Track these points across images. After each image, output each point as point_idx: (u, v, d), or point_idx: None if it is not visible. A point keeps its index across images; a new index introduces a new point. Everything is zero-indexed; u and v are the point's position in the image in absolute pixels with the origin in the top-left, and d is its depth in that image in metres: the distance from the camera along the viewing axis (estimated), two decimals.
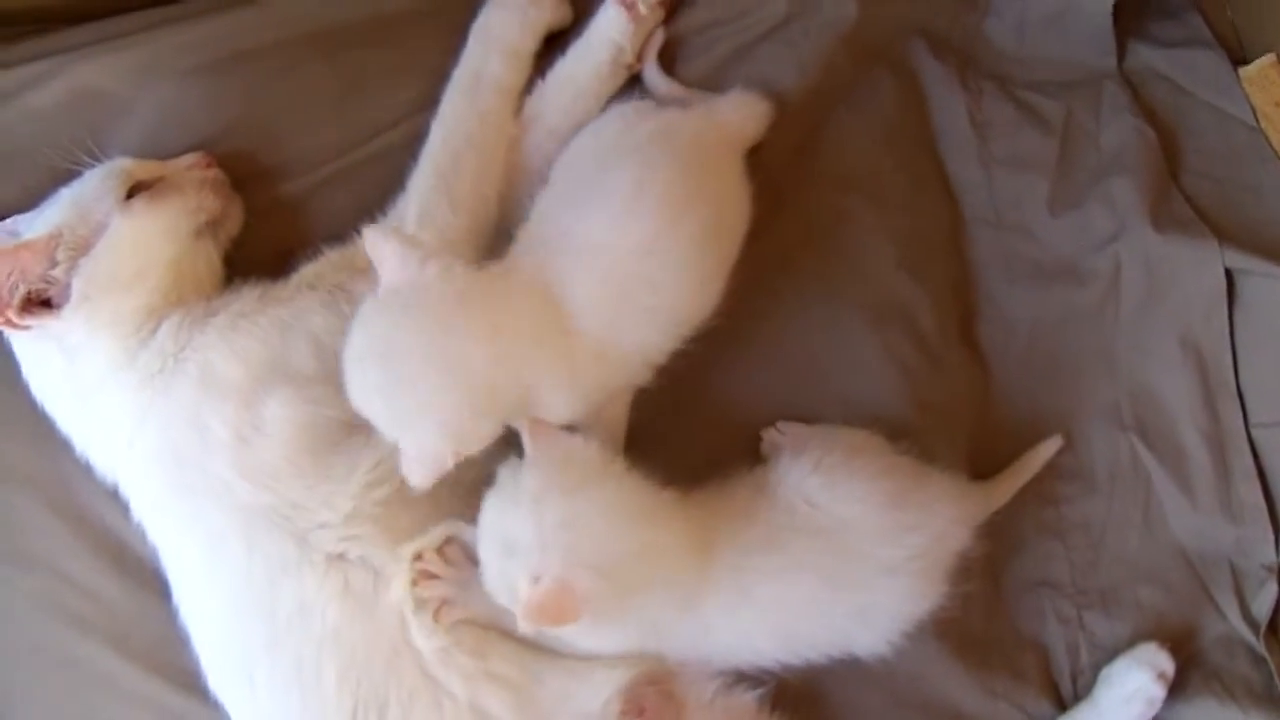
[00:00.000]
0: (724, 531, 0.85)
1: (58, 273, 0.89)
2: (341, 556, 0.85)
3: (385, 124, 1.04)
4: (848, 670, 0.93)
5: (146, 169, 0.95)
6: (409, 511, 0.87)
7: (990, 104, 1.12)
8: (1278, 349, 1.05)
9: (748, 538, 0.86)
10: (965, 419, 1.06)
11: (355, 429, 0.85)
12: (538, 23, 1.01)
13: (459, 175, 0.96)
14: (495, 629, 0.87)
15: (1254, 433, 1.05)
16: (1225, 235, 1.06)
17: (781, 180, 1.03)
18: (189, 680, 0.92)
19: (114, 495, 0.92)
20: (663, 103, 1.00)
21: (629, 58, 1.02)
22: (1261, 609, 1.02)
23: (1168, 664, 0.98)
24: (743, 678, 0.93)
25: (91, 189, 0.92)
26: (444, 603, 0.86)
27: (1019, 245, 1.11)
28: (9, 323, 0.88)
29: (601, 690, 0.86)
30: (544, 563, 0.76)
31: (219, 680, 0.89)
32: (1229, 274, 1.05)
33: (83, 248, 0.90)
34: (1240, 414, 1.06)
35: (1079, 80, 1.14)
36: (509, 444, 0.83)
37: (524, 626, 0.77)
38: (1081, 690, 1.02)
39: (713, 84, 1.02)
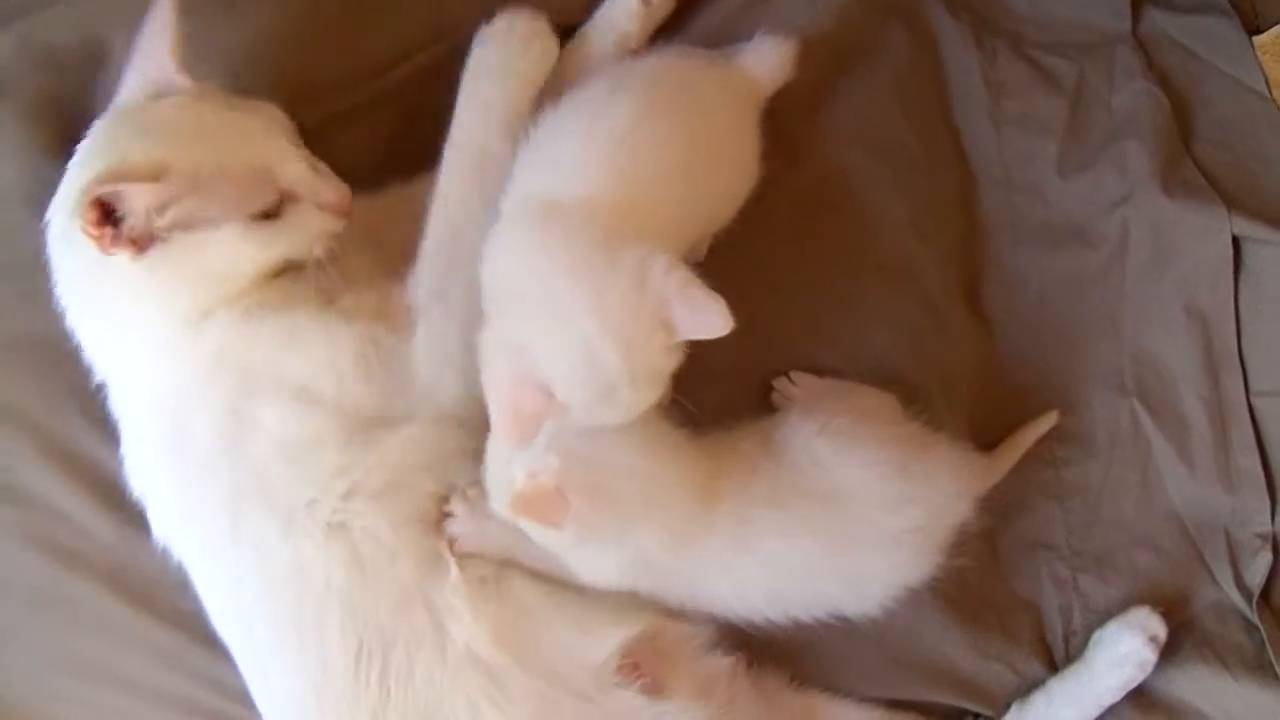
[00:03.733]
0: (728, 481, 0.85)
1: (160, 223, 0.80)
2: (342, 525, 0.84)
3: (395, 57, 1.02)
4: (840, 627, 0.93)
5: (295, 174, 0.85)
6: (408, 496, 0.87)
7: (1004, 63, 1.11)
8: None
9: (751, 492, 0.86)
10: (968, 378, 1.06)
11: (352, 441, 0.85)
12: (532, 78, 0.92)
13: (467, 250, 0.88)
14: (510, 570, 0.87)
15: (1254, 401, 1.05)
16: (1234, 203, 1.06)
17: (793, 134, 1.02)
18: (181, 619, 0.92)
19: (110, 433, 0.91)
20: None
21: (635, 43, 1.00)
22: (1255, 577, 1.03)
23: (1160, 628, 0.99)
24: (731, 633, 0.93)
25: (241, 167, 0.83)
26: (457, 538, 0.86)
27: (1027, 206, 1.10)
28: (102, 244, 0.79)
29: (604, 644, 0.87)
30: (545, 462, 0.77)
31: (220, 626, 0.89)
32: (1235, 242, 1.05)
33: (189, 220, 0.81)
34: (1242, 382, 1.05)
35: (1092, 43, 1.13)
36: None
37: (510, 513, 0.78)
38: (1073, 652, 1.03)
39: (727, 34, 1.00)
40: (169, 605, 0.93)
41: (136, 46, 0.86)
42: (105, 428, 0.91)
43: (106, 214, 0.78)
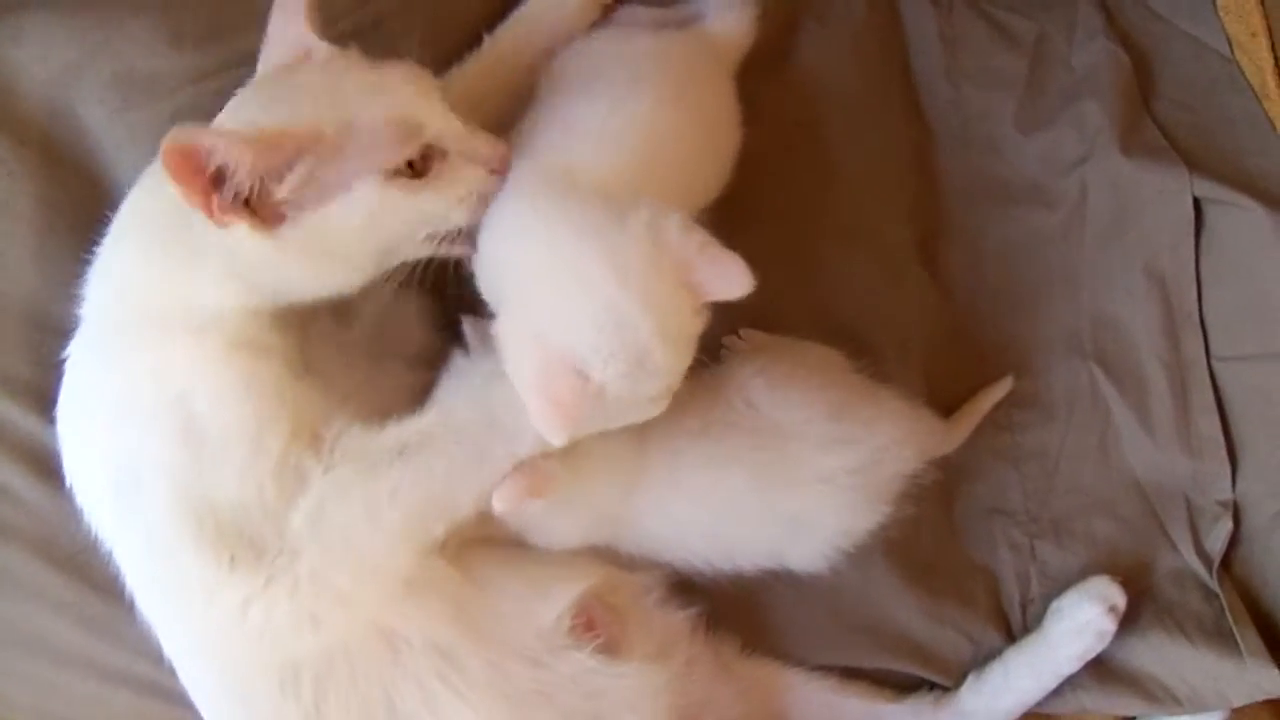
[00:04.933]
0: (661, 422, 0.82)
1: (281, 189, 0.72)
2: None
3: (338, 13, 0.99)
4: (792, 590, 0.92)
5: (448, 128, 0.76)
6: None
7: (961, 20, 1.10)
8: (1242, 281, 1.03)
9: (683, 426, 0.84)
10: (924, 338, 1.04)
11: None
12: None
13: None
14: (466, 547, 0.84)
15: (1215, 366, 1.04)
16: (1196, 164, 1.04)
17: (748, 92, 0.99)
18: (114, 588, 0.88)
19: (40, 402, 0.87)
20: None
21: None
22: (1215, 544, 1.01)
23: (1119, 597, 0.97)
24: (685, 590, 0.92)
25: (374, 119, 0.74)
26: None
27: (985, 164, 1.08)
28: (210, 213, 0.71)
29: (556, 603, 0.84)
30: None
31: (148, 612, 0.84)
32: (1197, 204, 1.03)
33: (316, 187, 0.73)
34: (1203, 346, 1.04)
35: (1053, 1, 1.12)
36: None
37: (499, 507, 0.76)
38: (1030, 620, 1.01)
39: None
40: (101, 574, 0.90)
41: (272, 16, 0.81)
42: (35, 396, 0.88)
43: (213, 178, 0.70)
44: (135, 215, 0.82)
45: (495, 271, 0.76)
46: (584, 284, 0.71)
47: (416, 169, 0.75)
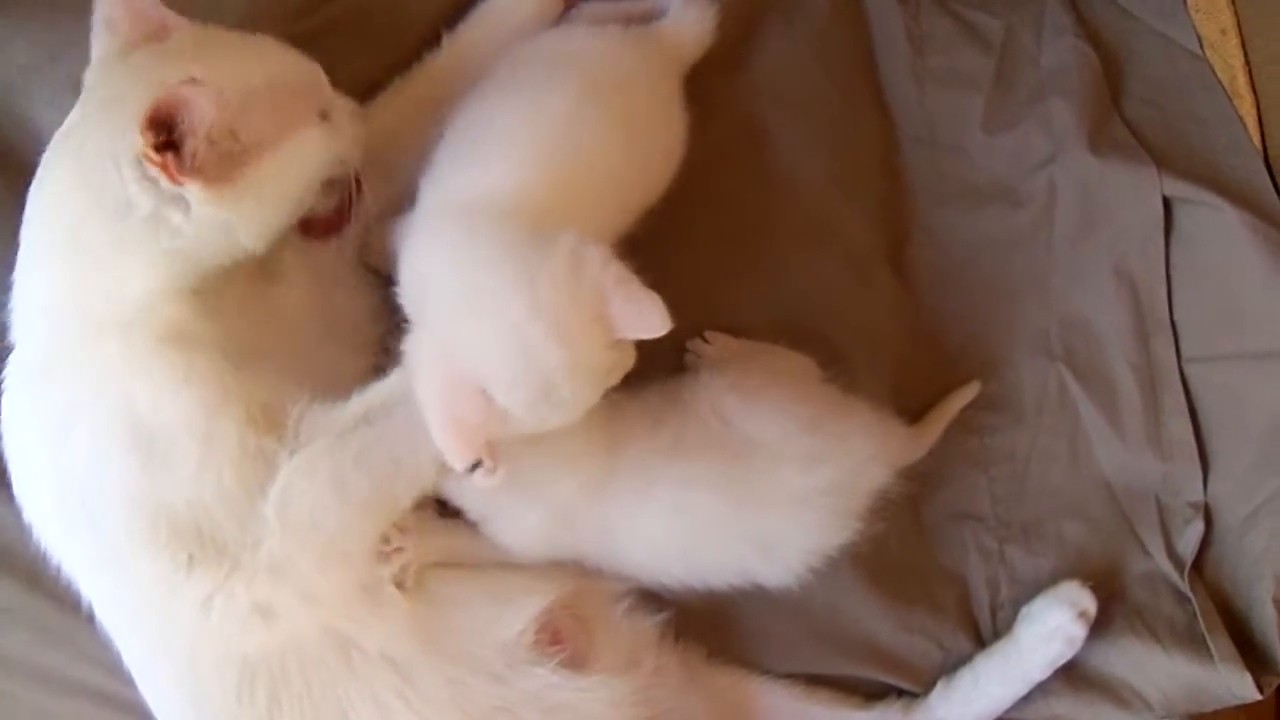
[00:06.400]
0: (632, 432, 0.83)
1: (235, 143, 0.74)
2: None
3: (298, 11, 0.97)
4: (760, 598, 0.90)
5: (328, 90, 0.82)
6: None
7: (928, 18, 1.08)
8: (1213, 282, 1.02)
9: (654, 441, 0.83)
10: (891, 341, 1.03)
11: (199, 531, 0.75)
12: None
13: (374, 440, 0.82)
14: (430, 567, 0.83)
15: (1185, 367, 1.03)
16: (1166, 163, 1.03)
17: (711, 89, 0.98)
18: (68, 596, 0.86)
19: None
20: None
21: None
22: (1187, 547, 1.00)
23: (1089, 602, 0.96)
24: (653, 597, 0.90)
25: (290, 76, 0.79)
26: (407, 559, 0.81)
27: (952, 164, 1.07)
28: (169, 175, 0.72)
29: (518, 617, 0.83)
30: None
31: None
32: (1167, 203, 1.02)
33: (261, 142, 0.75)
34: (1173, 347, 1.03)
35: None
36: None
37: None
38: (1001, 625, 1.00)
39: None
40: (56, 584, 0.88)
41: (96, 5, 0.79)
42: None
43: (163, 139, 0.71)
44: (42, 224, 0.79)
45: (414, 286, 0.75)
46: (496, 310, 0.70)
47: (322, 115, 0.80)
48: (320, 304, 0.88)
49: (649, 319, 0.70)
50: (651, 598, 0.91)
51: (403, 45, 0.95)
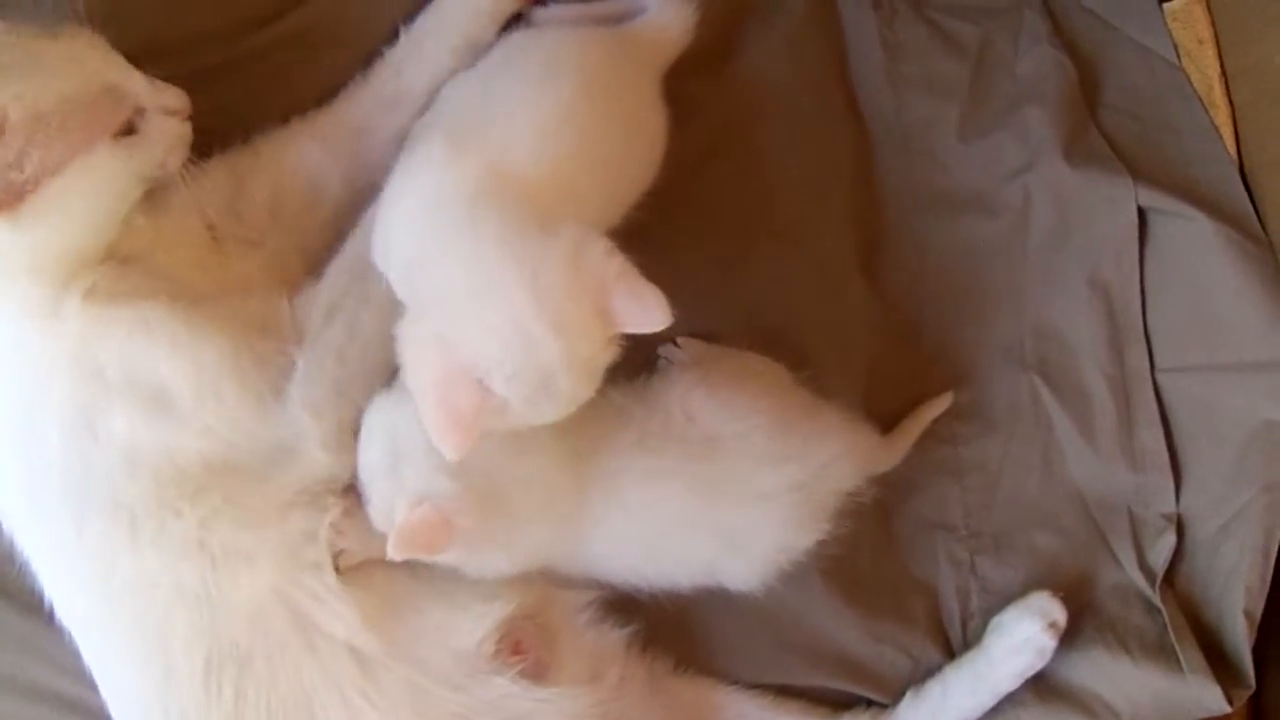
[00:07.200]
0: (599, 436, 0.82)
1: (23, 174, 0.73)
2: (196, 544, 0.78)
3: (267, 16, 0.97)
4: (728, 607, 0.90)
5: (137, 88, 0.80)
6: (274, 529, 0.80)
7: (903, 25, 1.07)
8: (1187, 292, 1.01)
9: (621, 441, 0.83)
10: (864, 349, 1.02)
11: (215, 470, 0.78)
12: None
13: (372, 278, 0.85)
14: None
15: (1159, 378, 1.02)
16: (1141, 174, 1.02)
17: (683, 91, 0.96)
18: (31, 600, 0.85)
19: None
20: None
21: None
22: (1158, 559, 0.99)
23: (1060, 613, 0.95)
24: (620, 608, 0.90)
25: (86, 90, 0.76)
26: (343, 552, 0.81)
27: (926, 172, 1.06)
28: None
29: (479, 626, 0.83)
30: (435, 485, 0.74)
31: (64, 620, 0.83)
32: (1142, 213, 1.02)
33: (52, 160, 0.74)
34: (1147, 358, 1.02)
35: (998, 7, 1.10)
36: None
37: (393, 553, 0.74)
38: (971, 636, 0.99)
39: None
40: (20, 589, 0.87)
41: None
42: None
43: None
44: None
45: (408, 269, 0.74)
46: (499, 300, 0.69)
47: (128, 129, 0.78)
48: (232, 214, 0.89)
49: (651, 313, 0.70)
50: (618, 608, 0.90)
51: (372, 51, 0.94)
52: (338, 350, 0.82)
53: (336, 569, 0.80)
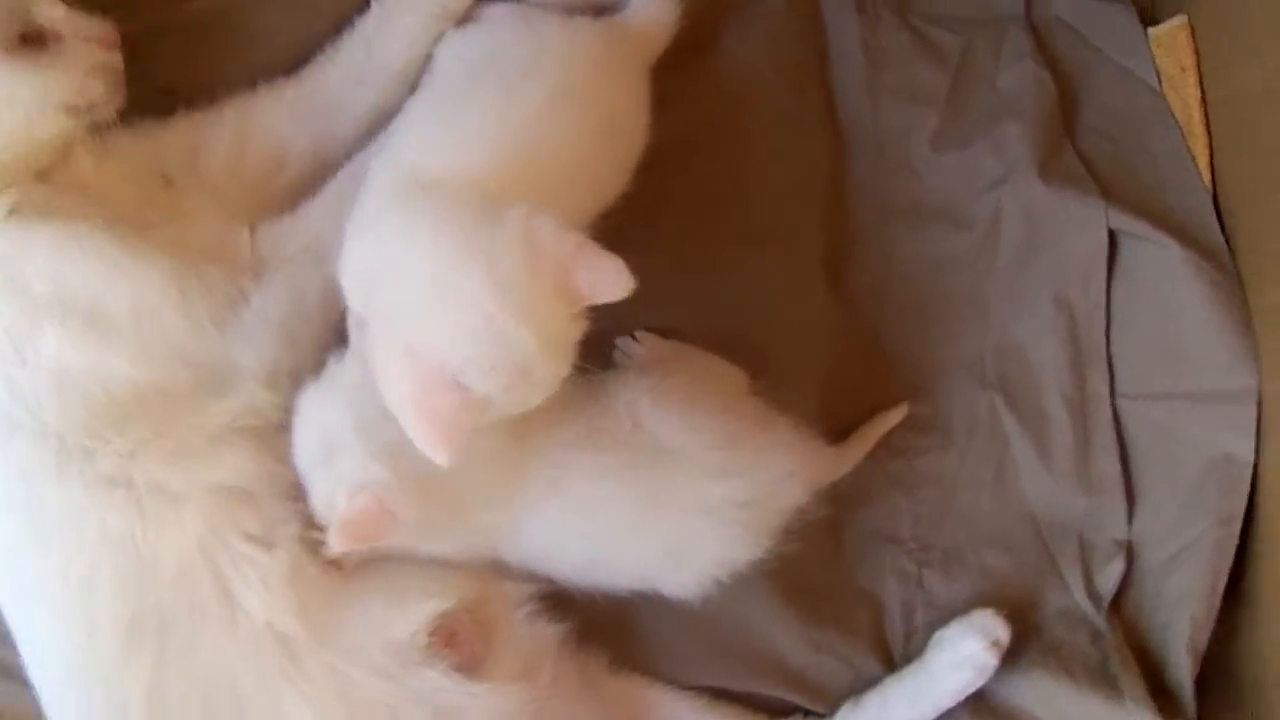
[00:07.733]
0: (548, 422, 0.80)
1: None
2: (124, 480, 0.77)
3: None
4: (667, 607, 0.88)
5: (52, 13, 0.80)
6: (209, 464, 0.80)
7: (886, 31, 1.06)
8: (1153, 318, 1.00)
9: (566, 434, 0.82)
10: (824, 354, 1.01)
11: (146, 396, 0.77)
12: None
13: None
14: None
15: (1119, 403, 1.01)
16: (1114, 196, 1.01)
17: (663, 86, 0.95)
18: None
19: None
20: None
21: None
22: (1106, 584, 0.99)
23: (1003, 632, 0.95)
24: (557, 604, 0.89)
25: None
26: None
27: (899, 180, 1.05)
28: None
29: (413, 617, 0.82)
30: (369, 473, 0.74)
31: None
32: (1112, 236, 1.01)
33: None
34: (1108, 382, 1.01)
35: (983, 19, 1.09)
36: None
37: (335, 545, 0.74)
38: (914, 650, 0.98)
39: None
40: None
41: None
42: None
43: None
44: None
45: (362, 282, 0.73)
46: (460, 297, 0.68)
47: (32, 46, 0.77)
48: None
49: (613, 282, 0.69)
50: (557, 605, 0.89)
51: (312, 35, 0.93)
52: (298, 290, 0.82)
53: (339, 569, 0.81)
